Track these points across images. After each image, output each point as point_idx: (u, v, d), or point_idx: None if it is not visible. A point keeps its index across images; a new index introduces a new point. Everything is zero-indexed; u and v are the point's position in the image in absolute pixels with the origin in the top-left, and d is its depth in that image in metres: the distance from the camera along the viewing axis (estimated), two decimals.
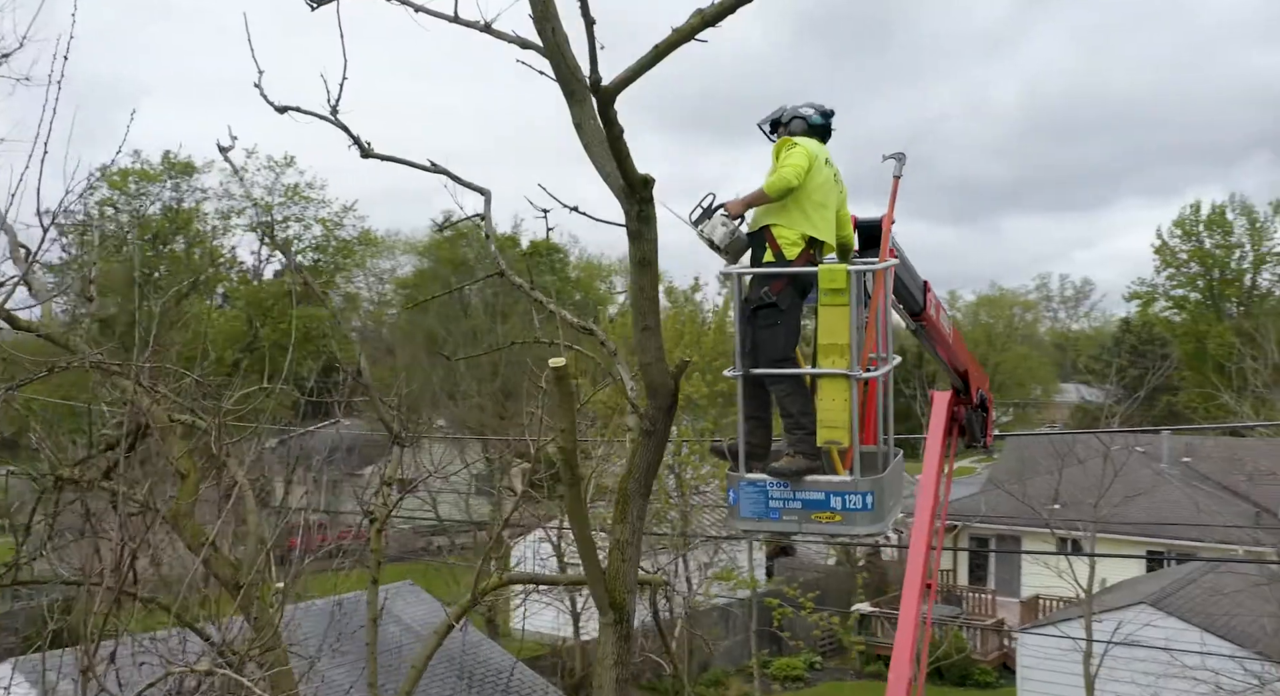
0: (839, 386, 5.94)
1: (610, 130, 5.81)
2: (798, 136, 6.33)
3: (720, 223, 6.25)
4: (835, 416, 5.97)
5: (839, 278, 5.90)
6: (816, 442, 6.05)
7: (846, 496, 6.02)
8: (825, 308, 5.99)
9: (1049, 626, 19.96)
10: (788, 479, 6.05)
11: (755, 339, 6.22)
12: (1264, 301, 67.20)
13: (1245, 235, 67.74)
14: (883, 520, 6.11)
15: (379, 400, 8.80)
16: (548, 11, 6.00)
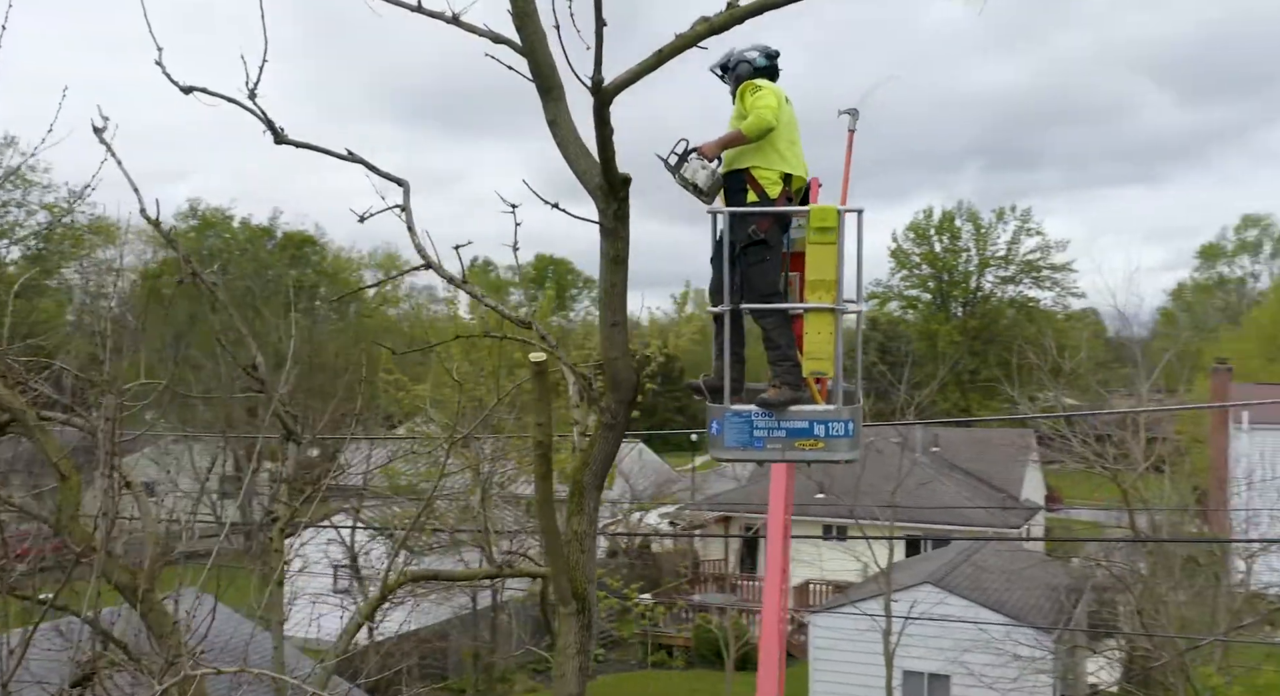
0: (825, 320, 6.27)
1: (602, 131, 5.90)
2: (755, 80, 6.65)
3: (701, 166, 6.45)
4: (821, 348, 6.31)
5: (830, 217, 6.22)
6: (802, 373, 6.39)
7: (830, 424, 6.32)
8: (814, 245, 6.30)
9: (847, 607, 21.15)
10: (775, 409, 6.34)
11: (746, 275, 6.44)
12: (987, 302, 73.06)
13: (971, 240, 73.37)
14: (859, 446, 6.49)
15: (274, 397, 8.47)
16: (528, 9, 6.02)
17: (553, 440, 6.45)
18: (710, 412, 6.65)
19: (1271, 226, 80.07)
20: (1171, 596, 15.57)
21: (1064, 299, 73.76)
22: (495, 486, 16.10)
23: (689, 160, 6.50)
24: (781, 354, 6.48)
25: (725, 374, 6.54)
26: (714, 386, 6.73)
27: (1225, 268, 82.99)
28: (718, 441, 6.60)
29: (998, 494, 35.56)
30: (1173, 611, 15.51)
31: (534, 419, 6.32)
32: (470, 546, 20.99)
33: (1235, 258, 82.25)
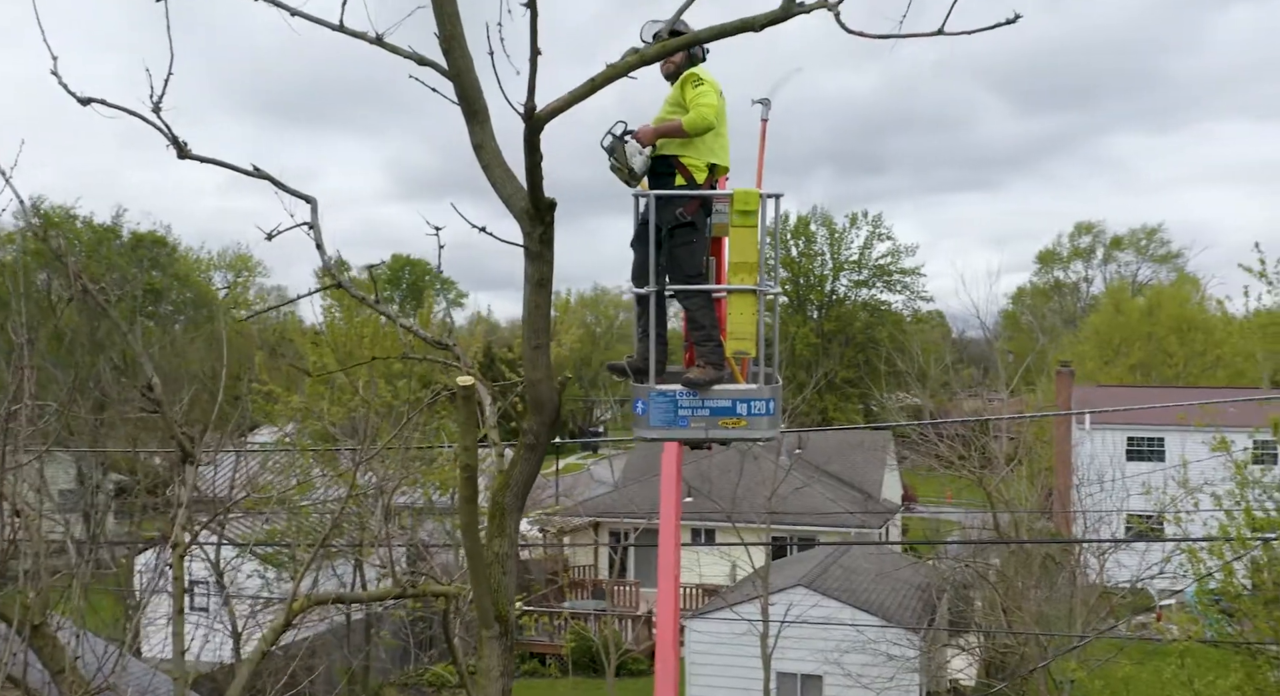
0: (748, 301, 6.48)
1: (532, 157, 5.95)
2: (697, 68, 6.78)
3: (637, 151, 6.58)
4: (744, 328, 6.51)
5: (752, 200, 6.43)
6: (725, 353, 6.55)
7: (752, 402, 6.52)
8: (737, 228, 6.50)
9: (724, 610, 21.47)
10: (700, 388, 6.48)
11: (673, 256, 6.61)
12: (841, 305, 75.06)
13: (826, 244, 75.26)
14: (779, 425, 6.70)
15: (169, 416, 8.21)
16: (455, 33, 6.02)
17: (477, 463, 6.47)
18: (635, 392, 6.77)
19: (1103, 233, 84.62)
20: (1030, 594, 16.35)
21: (914, 302, 76.42)
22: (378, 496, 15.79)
23: (626, 143, 6.61)
24: (706, 334, 6.67)
25: (650, 354, 6.68)
26: (637, 367, 6.85)
27: (1061, 273, 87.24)
28: (642, 421, 6.73)
29: (859, 495, 36.65)
30: (1031, 608, 16.30)
31: (460, 443, 6.33)
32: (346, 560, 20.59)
33: (1070, 263, 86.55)
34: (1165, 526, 17.46)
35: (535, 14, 5.53)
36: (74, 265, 7.97)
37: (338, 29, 6.49)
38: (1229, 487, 15.04)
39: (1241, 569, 14.11)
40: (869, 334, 72.09)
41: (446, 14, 6.00)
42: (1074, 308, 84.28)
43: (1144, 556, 18.80)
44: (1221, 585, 13.88)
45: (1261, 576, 12.91)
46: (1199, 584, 14.62)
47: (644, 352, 6.75)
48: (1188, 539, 14.67)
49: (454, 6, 6.00)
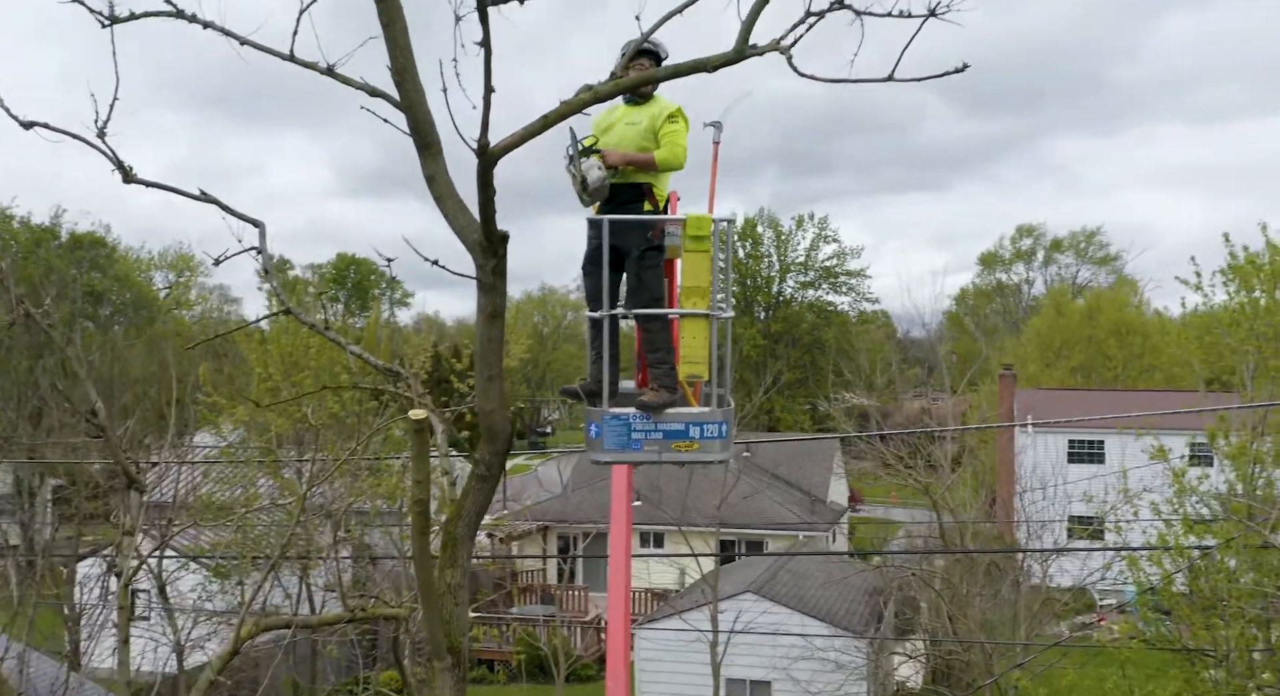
0: (700, 325, 6.54)
1: (485, 192, 5.95)
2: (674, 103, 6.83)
3: (596, 167, 6.59)
4: (697, 352, 6.56)
5: (705, 225, 6.50)
6: (679, 377, 6.60)
7: (705, 425, 6.57)
8: (690, 253, 6.55)
9: (674, 617, 21.51)
10: (654, 412, 6.52)
11: (642, 280, 6.70)
12: (788, 306, 75.57)
13: (773, 246, 75.75)
14: (731, 448, 6.77)
15: (113, 441, 8.10)
16: (407, 65, 6.00)
17: (429, 497, 6.44)
18: (588, 416, 6.79)
19: (1043, 236, 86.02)
20: (975, 601, 16.59)
21: (859, 304, 77.14)
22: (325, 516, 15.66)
23: (589, 157, 6.62)
24: (661, 358, 6.73)
25: (604, 377, 6.71)
26: (591, 390, 6.87)
27: (1003, 274, 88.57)
28: (596, 444, 6.75)
29: (807, 498, 36.89)
30: (975, 615, 16.54)
31: (413, 476, 6.31)
32: (292, 571, 20.34)
33: (1012, 265, 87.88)
34: (1106, 530, 17.78)
35: (489, 53, 5.54)
36: (15, 291, 7.82)
37: (288, 59, 6.45)
38: (1168, 495, 15.36)
39: (1181, 578, 14.42)
40: (815, 335, 72.65)
41: (399, 46, 5.98)
42: (1016, 309, 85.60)
43: (1085, 563, 19.16)
44: (1161, 589, 14.16)
45: (1199, 584, 13.20)
46: (1139, 591, 14.93)
47: (597, 375, 6.78)
48: (1128, 548, 14.97)
49: (406, 39, 5.98)
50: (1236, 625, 12.59)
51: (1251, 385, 16.04)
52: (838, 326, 73.74)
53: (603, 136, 6.85)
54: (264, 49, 6.45)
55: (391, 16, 5.86)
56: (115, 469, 8.10)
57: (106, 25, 6.59)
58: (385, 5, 5.85)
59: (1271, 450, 14.70)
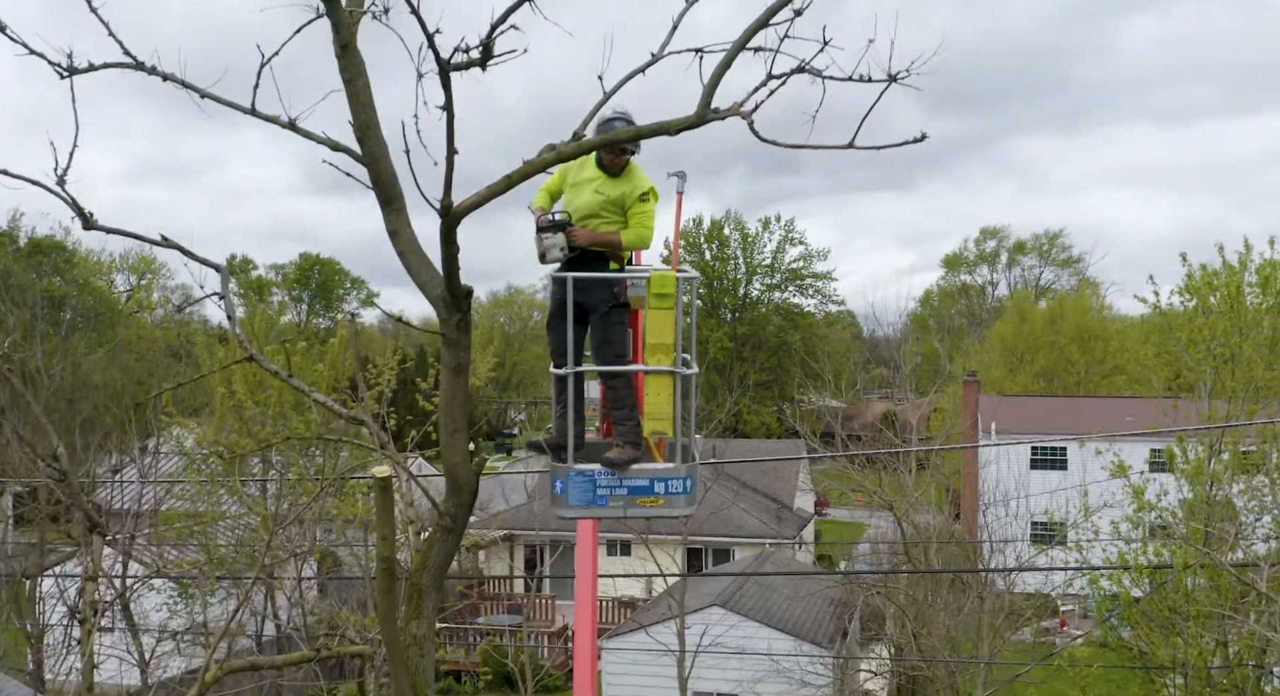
0: (664, 382, 6.59)
1: (448, 250, 5.95)
2: (648, 182, 6.85)
3: (559, 246, 6.63)
4: (661, 409, 6.62)
5: (669, 283, 6.54)
6: (643, 433, 6.63)
7: (669, 481, 6.63)
8: (654, 310, 6.59)
9: (639, 631, 21.52)
10: (620, 468, 6.55)
11: (607, 336, 6.73)
12: (754, 308, 75.84)
13: (739, 248, 75.99)
14: (695, 502, 6.82)
15: (75, 487, 8.02)
16: (370, 122, 5.99)
17: (395, 553, 6.44)
18: (554, 472, 6.82)
19: (1007, 238, 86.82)
20: (939, 617, 16.74)
21: (825, 306, 77.53)
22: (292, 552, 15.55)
23: (555, 234, 6.64)
24: (626, 414, 6.77)
25: (569, 434, 6.73)
26: (556, 444, 6.89)
27: (967, 276, 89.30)
28: (561, 500, 6.79)
29: (774, 505, 37.02)
30: (940, 631, 16.68)
31: (378, 532, 6.31)
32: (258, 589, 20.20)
33: (976, 267, 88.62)
34: (1068, 544, 17.97)
35: (451, 116, 5.54)
36: None
37: (249, 112, 6.41)
38: (1128, 513, 15.53)
39: (1139, 591, 14.60)
40: (782, 338, 72.94)
41: (361, 103, 5.98)
42: (980, 310, 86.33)
43: (1048, 577, 19.36)
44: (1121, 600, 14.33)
45: (1158, 603, 13.39)
46: (1098, 605, 15.10)
47: (563, 430, 6.80)
48: (1089, 567, 15.16)
49: (368, 96, 5.99)
50: (1196, 645, 12.78)
51: (1208, 404, 16.27)
52: (804, 329, 74.07)
53: (569, 192, 6.87)
54: (225, 102, 6.42)
55: (353, 73, 5.85)
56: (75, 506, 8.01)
57: (65, 76, 6.54)
58: (347, 62, 5.84)
59: (1228, 469, 14.91)
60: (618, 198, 6.72)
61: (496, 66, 5.45)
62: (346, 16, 5.75)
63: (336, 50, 5.84)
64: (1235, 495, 14.98)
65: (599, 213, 6.77)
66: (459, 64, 5.33)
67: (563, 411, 6.75)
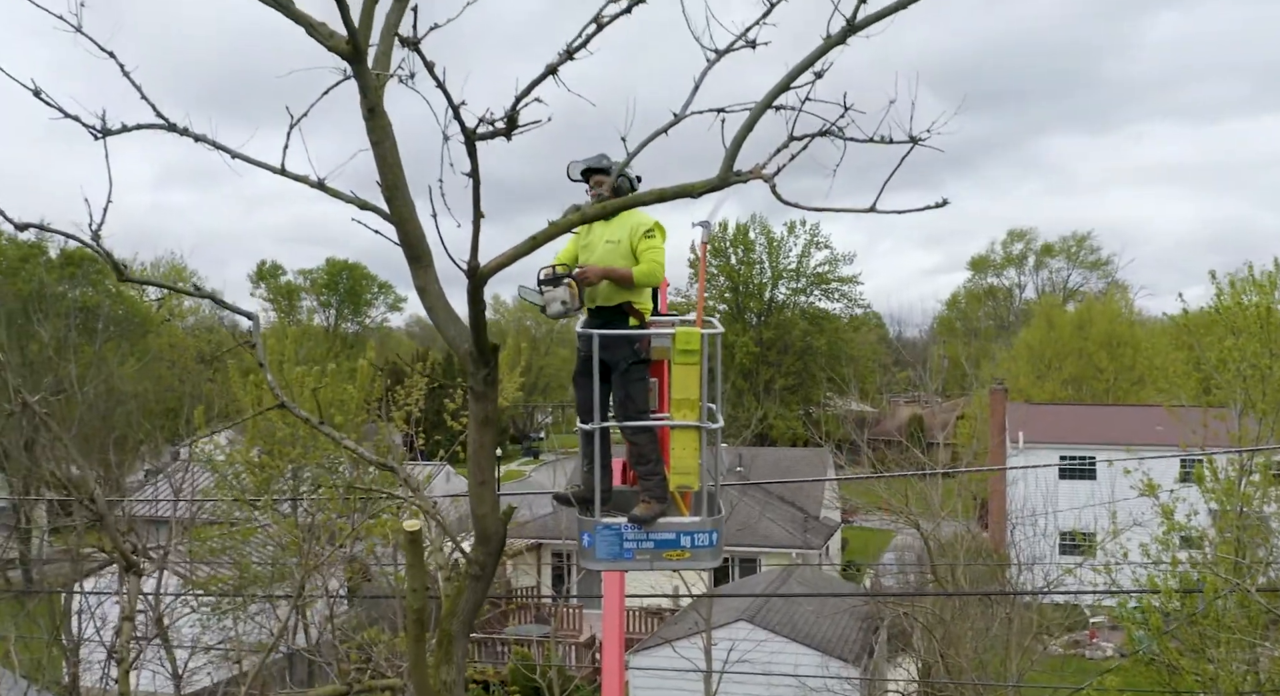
0: (690, 436, 6.67)
1: (475, 308, 6.05)
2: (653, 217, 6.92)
3: (560, 300, 6.68)
4: (687, 463, 6.70)
5: (694, 340, 6.61)
6: (669, 487, 6.71)
7: (695, 535, 6.73)
8: (679, 366, 6.65)
9: (664, 646, 21.57)
10: (646, 524, 6.63)
11: (629, 392, 6.78)
12: (780, 313, 75.70)
13: (765, 253, 75.86)
14: (721, 554, 6.89)
15: (111, 525, 8.16)
16: (397, 181, 6.10)
17: (426, 605, 6.54)
18: (580, 525, 6.91)
19: (1034, 240, 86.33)
20: (966, 634, 16.68)
21: (851, 310, 77.20)
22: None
23: (558, 287, 6.70)
24: (651, 469, 6.83)
25: (596, 488, 6.81)
26: (583, 498, 6.98)
27: (994, 278, 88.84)
28: (589, 553, 6.88)
29: (800, 514, 36.95)
30: (967, 650, 16.62)
31: (408, 585, 6.41)
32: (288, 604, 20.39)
33: (1003, 270, 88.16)
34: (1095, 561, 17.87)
35: (478, 182, 5.63)
36: (12, 382, 7.88)
37: (278, 172, 6.53)
38: (1157, 533, 15.44)
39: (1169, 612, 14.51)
40: (807, 342, 72.76)
41: (388, 164, 6.08)
42: (1007, 313, 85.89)
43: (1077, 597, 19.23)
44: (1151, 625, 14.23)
45: (1185, 630, 13.32)
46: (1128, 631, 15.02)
47: (589, 484, 6.88)
48: (1119, 590, 15.09)
49: (396, 157, 6.09)
50: (1227, 669, 12.72)
51: (1238, 425, 16.20)
52: (830, 333, 73.86)
53: (582, 253, 6.95)
54: (254, 162, 6.55)
55: (380, 135, 5.95)
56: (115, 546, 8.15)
57: (99, 137, 6.67)
58: (374, 124, 5.94)
59: (1260, 489, 14.82)
60: (626, 239, 6.79)
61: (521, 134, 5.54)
62: (373, 80, 5.85)
63: (364, 113, 5.95)
64: (1269, 517, 14.87)
65: (617, 261, 6.85)
66: (484, 134, 5.42)
67: (589, 466, 6.83)
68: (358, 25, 5.72)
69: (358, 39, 5.69)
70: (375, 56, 5.97)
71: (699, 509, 6.82)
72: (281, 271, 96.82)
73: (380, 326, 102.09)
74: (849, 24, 5.50)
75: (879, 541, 43.10)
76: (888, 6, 5.42)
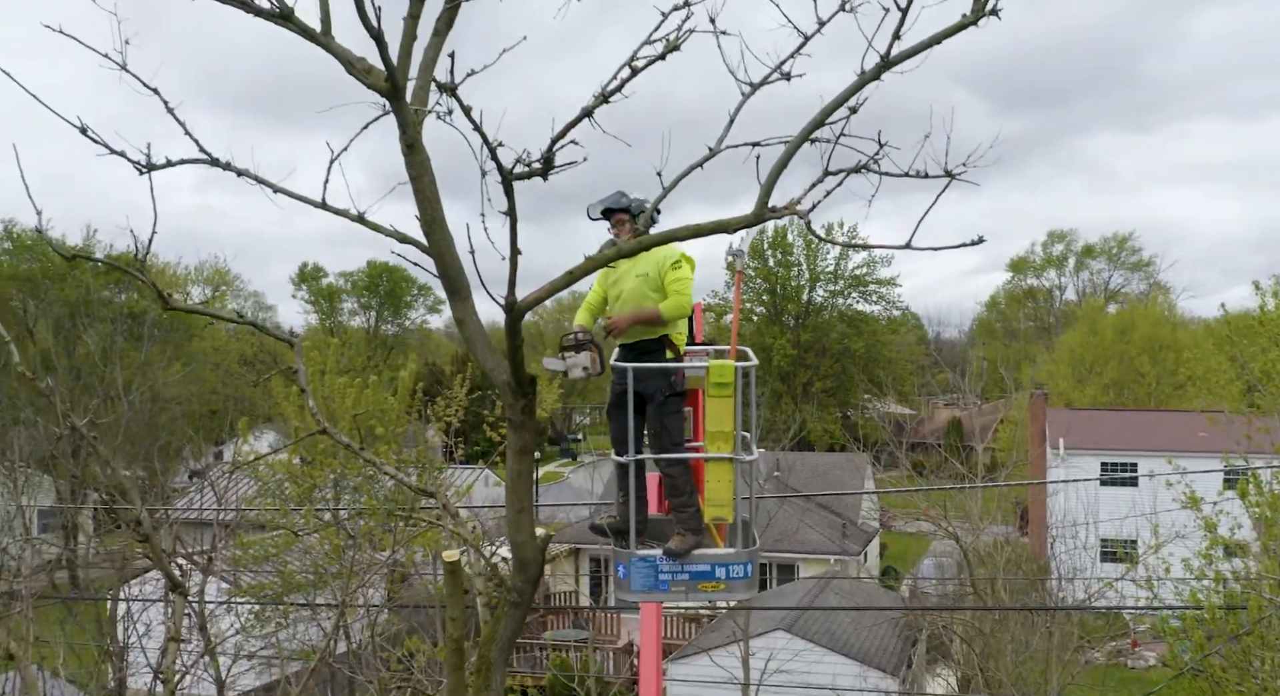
0: (724, 469, 6.72)
1: (513, 341, 6.12)
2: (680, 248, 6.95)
3: (582, 366, 6.71)
4: (722, 495, 6.76)
5: (728, 373, 6.66)
6: (704, 519, 6.75)
7: (730, 566, 6.77)
8: (713, 399, 6.70)
9: (700, 655, 21.58)
10: (681, 557, 6.68)
11: (665, 425, 6.83)
12: (818, 315, 75.40)
13: (802, 255, 75.55)
14: (756, 584, 6.93)
15: (157, 547, 8.31)
16: (436, 215, 6.17)
17: (465, 634, 6.61)
18: (617, 556, 6.96)
19: (1075, 241, 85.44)
20: (1006, 647, 16.60)
21: (889, 312, 76.76)
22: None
23: (579, 353, 6.75)
24: (685, 501, 6.88)
25: (631, 521, 6.87)
26: (619, 529, 7.03)
27: (1034, 280, 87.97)
28: (624, 585, 6.94)
29: (838, 520, 36.81)
30: (1006, 662, 16.54)
31: (447, 614, 6.49)
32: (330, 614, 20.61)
33: (1043, 271, 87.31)
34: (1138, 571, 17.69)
35: (514, 221, 5.69)
36: (61, 407, 8.05)
37: (320, 206, 6.62)
38: (1200, 548, 15.28)
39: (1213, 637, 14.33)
40: (845, 344, 72.42)
41: (427, 198, 6.14)
42: (1047, 314, 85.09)
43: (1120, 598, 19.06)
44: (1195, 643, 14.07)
45: (1232, 648, 13.15)
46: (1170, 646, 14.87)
47: (625, 515, 6.92)
48: (1161, 607, 14.94)
49: (434, 191, 6.14)
50: (1272, 687, 12.56)
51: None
52: (868, 335, 73.45)
53: (610, 288, 6.98)
54: (297, 197, 6.62)
55: (419, 170, 6.01)
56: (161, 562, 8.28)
57: (144, 172, 6.80)
58: (413, 159, 6.00)
59: None
60: (654, 273, 6.82)
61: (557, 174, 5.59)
62: (412, 116, 5.92)
63: (403, 148, 6.02)
64: None
65: (647, 294, 6.89)
66: (521, 174, 5.48)
67: (625, 498, 6.88)
68: (396, 63, 5.77)
69: (396, 77, 5.74)
70: (413, 91, 6.03)
71: (734, 540, 6.85)
72: (323, 273, 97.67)
73: (420, 327, 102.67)
74: (883, 60, 5.51)
75: (918, 546, 42.88)
76: (921, 43, 5.42)
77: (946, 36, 5.42)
